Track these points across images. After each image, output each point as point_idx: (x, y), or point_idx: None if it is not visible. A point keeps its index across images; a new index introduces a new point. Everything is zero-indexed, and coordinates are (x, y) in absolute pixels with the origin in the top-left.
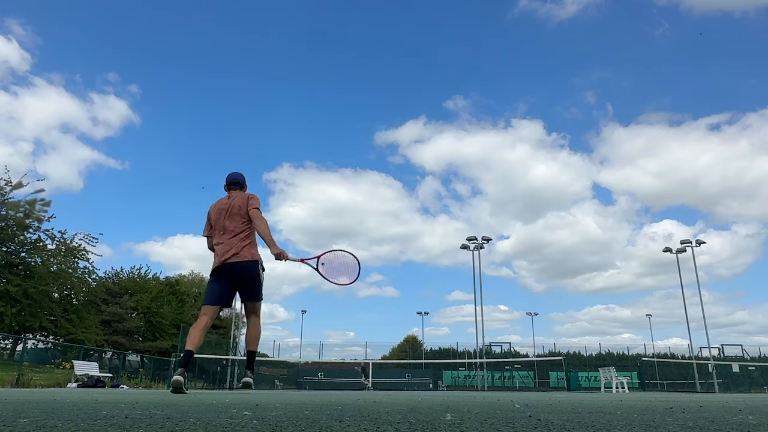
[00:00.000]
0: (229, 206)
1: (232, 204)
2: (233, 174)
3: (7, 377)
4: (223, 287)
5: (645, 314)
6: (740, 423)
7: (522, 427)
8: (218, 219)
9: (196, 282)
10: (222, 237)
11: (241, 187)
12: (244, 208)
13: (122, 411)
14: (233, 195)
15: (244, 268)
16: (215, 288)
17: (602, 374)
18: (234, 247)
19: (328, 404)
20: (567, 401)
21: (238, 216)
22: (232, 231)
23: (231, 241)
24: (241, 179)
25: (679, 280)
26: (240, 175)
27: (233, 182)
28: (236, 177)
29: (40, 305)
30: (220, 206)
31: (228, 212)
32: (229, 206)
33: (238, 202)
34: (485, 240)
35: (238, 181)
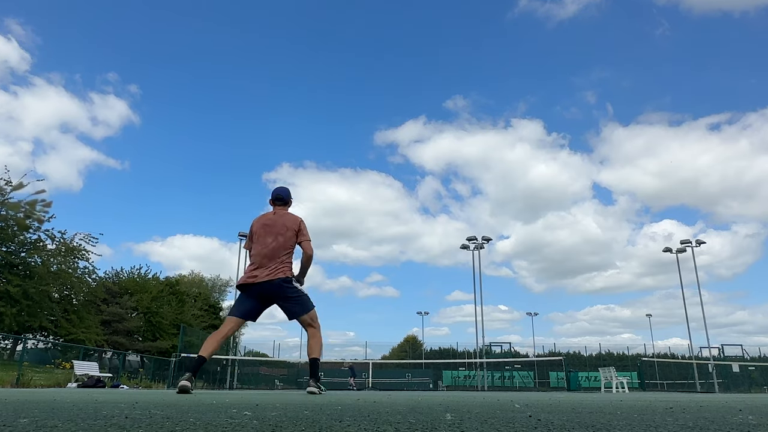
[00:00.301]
0: (275, 223)
1: (277, 222)
2: (280, 189)
3: (7, 377)
4: (251, 304)
5: (645, 314)
6: (740, 423)
7: (522, 427)
8: (261, 234)
9: (196, 282)
10: (260, 253)
11: (285, 203)
12: (292, 232)
13: (122, 411)
14: (279, 212)
15: (278, 286)
16: (243, 303)
17: (602, 374)
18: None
19: (328, 404)
20: (567, 401)
21: (282, 238)
22: (273, 255)
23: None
24: (286, 195)
25: (679, 280)
26: (286, 191)
27: (278, 198)
28: (282, 193)
29: (40, 305)
30: (265, 221)
31: (273, 230)
32: (274, 223)
33: (287, 223)
34: (485, 240)
35: (283, 197)
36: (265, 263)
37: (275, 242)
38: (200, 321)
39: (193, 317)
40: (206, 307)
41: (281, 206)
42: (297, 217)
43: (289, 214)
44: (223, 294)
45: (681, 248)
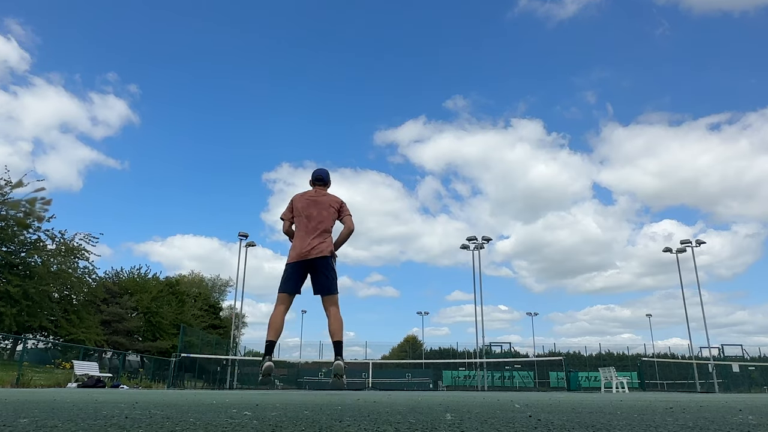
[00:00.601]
0: (318, 200)
1: (321, 200)
2: (320, 170)
3: (7, 377)
4: (297, 278)
5: (645, 314)
6: (740, 423)
7: (522, 427)
8: (305, 207)
9: (196, 282)
10: (306, 228)
11: (325, 184)
12: (334, 208)
13: (122, 411)
14: (320, 191)
15: (320, 262)
16: (291, 278)
17: (602, 374)
18: (314, 244)
19: (328, 404)
20: (567, 401)
21: (326, 213)
22: (317, 228)
23: (313, 239)
24: (326, 177)
25: (679, 280)
26: (326, 172)
27: (318, 178)
28: (322, 174)
29: (40, 305)
30: (309, 196)
31: (317, 206)
32: (317, 200)
33: (329, 200)
34: (485, 240)
35: (323, 177)
36: (310, 241)
37: (319, 217)
38: (200, 321)
39: (193, 317)
40: (206, 307)
41: (321, 186)
42: (338, 197)
43: (330, 194)
44: (223, 294)
45: (681, 248)
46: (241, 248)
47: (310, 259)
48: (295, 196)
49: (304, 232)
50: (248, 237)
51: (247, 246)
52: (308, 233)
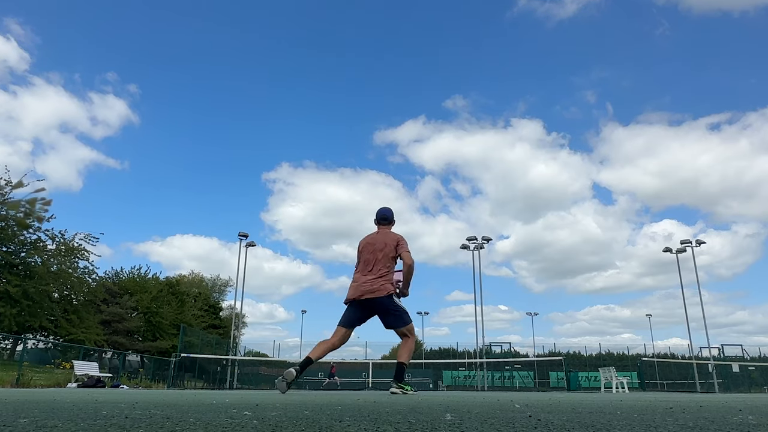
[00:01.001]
0: (377, 241)
1: (379, 239)
2: (384, 210)
3: (7, 377)
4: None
5: (645, 314)
6: (740, 423)
7: (522, 427)
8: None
9: (196, 282)
10: (364, 269)
11: (389, 223)
12: (391, 247)
13: (122, 411)
14: (382, 231)
15: (380, 303)
16: (351, 314)
17: (602, 374)
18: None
19: (328, 404)
20: (567, 401)
21: (382, 254)
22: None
23: (372, 279)
24: (390, 215)
25: (679, 280)
26: (389, 211)
27: (383, 218)
28: (386, 213)
29: (40, 305)
30: (369, 240)
31: (374, 247)
32: (376, 241)
33: (387, 240)
34: (485, 240)
35: (387, 217)
36: (367, 278)
37: (374, 258)
38: (200, 321)
39: (193, 317)
40: (206, 307)
41: (385, 225)
42: (398, 235)
43: (391, 232)
44: (223, 294)
45: (681, 248)
46: (241, 248)
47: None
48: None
49: (359, 273)
50: (248, 237)
51: (247, 246)
52: (362, 275)
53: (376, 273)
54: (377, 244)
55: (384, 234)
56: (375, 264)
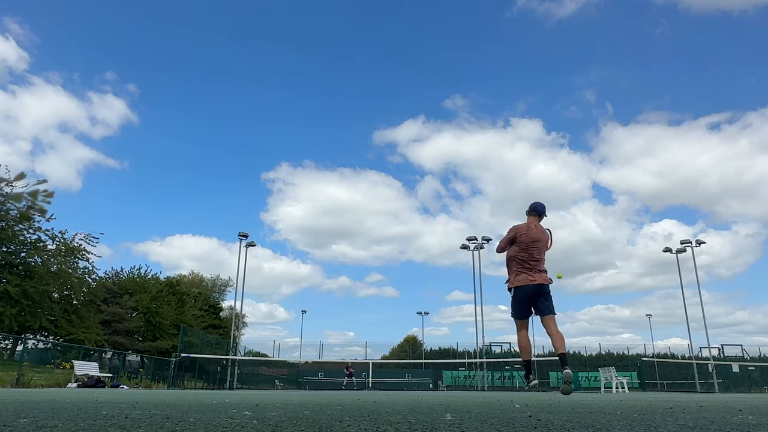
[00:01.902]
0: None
1: (543, 237)
2: (538, 204)
3: (7, 377)
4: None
5: (645, 314)
6: (740, 423)
7: (522, 427)
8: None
9: (196, 282)
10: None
11: (540, 217)
12: (547, 243)
13: (122, 411)
14: (540, 228)
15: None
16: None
17: (602, 374)
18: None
19: (328, 404)
20: (567, 401)
21: (544, 250)
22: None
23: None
24: (542, 210)
25: (679, 280)
26: (543, 206)
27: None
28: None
29: (40, 305)
30: (533, 235)
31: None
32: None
33: (546, 237)
34: (485, 240)
35: (540, 211)
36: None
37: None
38: (200, 321)
39: (193, 317)
40: (206, 307)
41: (536, 218)
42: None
43: (544, 228)
44: (223, 294)
45: (681, 248)
46: (241, 248)
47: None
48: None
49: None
50: (248, 237)
51: (248, 246)
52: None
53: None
54: (542, 239)
55: (542, 230)
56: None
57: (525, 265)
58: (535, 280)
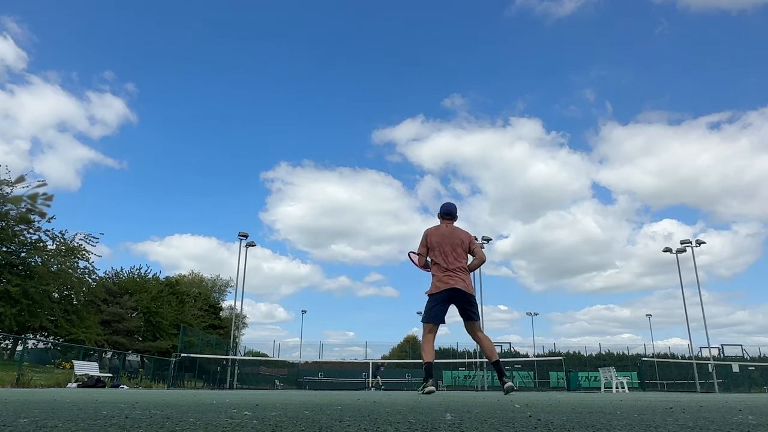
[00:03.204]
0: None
1: (454, 234)
2: (449, 205)
3: (7, 377)
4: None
5: (645, 314)
6: (740, 423)
7: (522, 427)
8: (440, 244)
9: (196, 282)
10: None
11: (453, 218)
12: (466, 244)
13: (122, 411)
14: (450, 226)
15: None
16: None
17: (602, 374)
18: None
19: (328, 404)
20: (567, 401)
21: (460, 249)
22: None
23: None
24: (454, 211)
25: (679, 280)
26: (454, 207)
27: (447, 212)
28: (451, 208)
29: (40, 305)
30: (443, 232)
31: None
32: (452, 235)
33: (462, 236)
34: (485, 240)
35: (451, 212)
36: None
37: (455, 254)
38: (200, 321)
39: (193, 317)
40: (206, 307)
41: (449, 220)
42: (468, 233)
43: (460, 229)
44: (223, 294)
45: (681, 248)
46: (241, 248)
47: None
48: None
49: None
50: (248, 237)
51: (248, 246)
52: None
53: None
54: (453, 238)
55: (454, 229)
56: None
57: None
58: (448, 285)
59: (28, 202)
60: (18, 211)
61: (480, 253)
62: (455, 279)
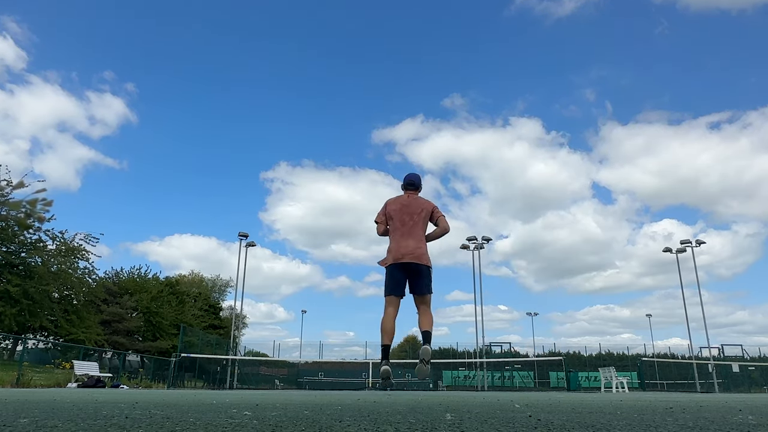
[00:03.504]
0: (412, 205)
1: (414, 204)
2: (412, 175)
3: (7, 377)
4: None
5: (645, 314)
6: (740, 423)
7: (522, 427)
8: (399, 213)
9: (196, 282)
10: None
11: (417, 188)
12: (427, 212)
13: (122, 411)
14: (412, 196)
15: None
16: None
17: (602, 374)
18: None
19: (328, 404)
20: (567, 401)
21: (419, 218)
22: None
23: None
24: (418, 181)
25: (679, 280)
26: (418, 177)
27: (410, 183)
28: (414, 179)
29: (41, 305)
30: (402, 202)
31: (410, 210)
32: (410, 205)
33: (423, 205)
34: (485, 240)
35: (415, 182)
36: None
37: (413, 223)
38: (200, 321)
39: (193, 317)
40: (206, 307)
41: (413, 191)
42: (431, 202)
43: (422, 198)
44: (223, 294)
45: (681, 248)
46: (241, 248)
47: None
48: (388, 202)
49: (399, 235)
50: (248, 237)
51: (248, 246)
52: (403, 237)
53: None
54: (413, 207)
55: (416, 199)
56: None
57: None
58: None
59: (28, 207)
60: (17, 214)
61: (443, 223)
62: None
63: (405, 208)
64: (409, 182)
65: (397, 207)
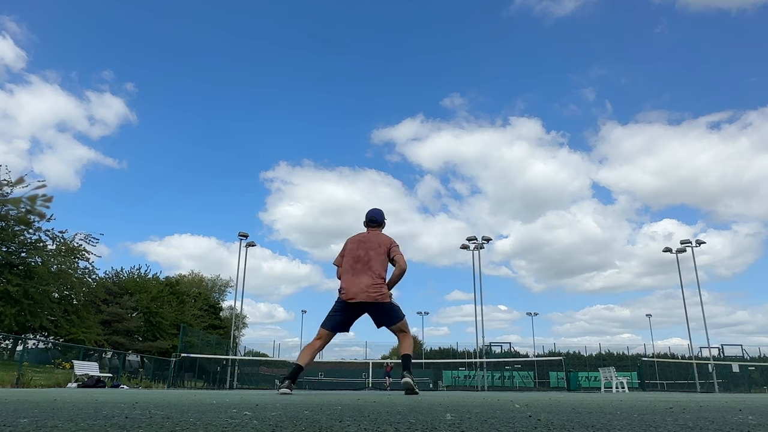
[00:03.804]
0: (369, 240)
1: (372, 239)
2: (373, 211)
3: (7, 377)
4: (345, 319)
5: (645, 314)
6: (740, 423)
7: (522, 427)
8: (354, 249)
9: (196, 282)
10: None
11: (379, 225)
12: (384, 248)
13: (122, 411)
14: (373, 231)
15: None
16: (338, 318)
17: (602, 374)
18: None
19: (328, 404)
20: (567, 401)
21: (375, 254)
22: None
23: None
24: (380, 217)
25: (679, 280)
26: (380, 213)
27: (372, 219)
28: (375, 215)
29: (41, 305)
30: (360, 238)
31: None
32: (367, 240)
33: (381, 240)
34: (485, 240)
35: (377, 219)
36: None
37: (366, 256)
38: (200, 321)
39: (193, 317)
40: (206, 307)
41: (375, 227)
42: (390, 238)
43: (382, 234)
44: (223, 294)
45: (681, 248)
46: (241, 248)
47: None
48: (347, 240)
49: (351, 273)
50: (248, 237)
51: (248, 246)
52: (355, 274)
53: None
54: (369, 242)
55: (375, 234)
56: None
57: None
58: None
59: (28, 203)
60: (17, 212)
61: (400, 262)
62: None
63: (361, 244)
64: (370, 219)
65: (354, 244)
